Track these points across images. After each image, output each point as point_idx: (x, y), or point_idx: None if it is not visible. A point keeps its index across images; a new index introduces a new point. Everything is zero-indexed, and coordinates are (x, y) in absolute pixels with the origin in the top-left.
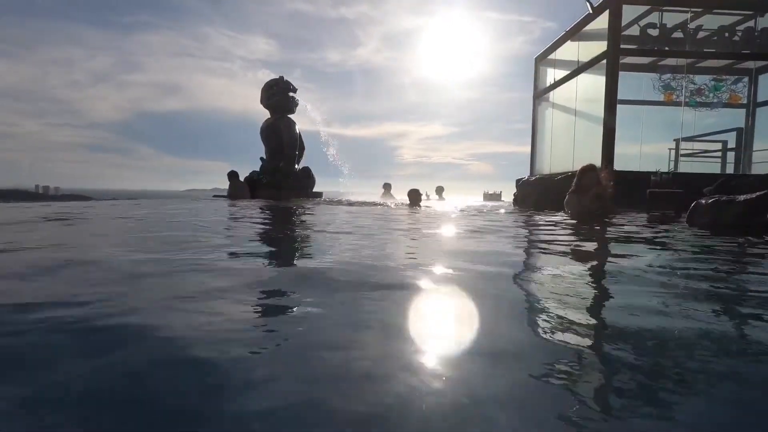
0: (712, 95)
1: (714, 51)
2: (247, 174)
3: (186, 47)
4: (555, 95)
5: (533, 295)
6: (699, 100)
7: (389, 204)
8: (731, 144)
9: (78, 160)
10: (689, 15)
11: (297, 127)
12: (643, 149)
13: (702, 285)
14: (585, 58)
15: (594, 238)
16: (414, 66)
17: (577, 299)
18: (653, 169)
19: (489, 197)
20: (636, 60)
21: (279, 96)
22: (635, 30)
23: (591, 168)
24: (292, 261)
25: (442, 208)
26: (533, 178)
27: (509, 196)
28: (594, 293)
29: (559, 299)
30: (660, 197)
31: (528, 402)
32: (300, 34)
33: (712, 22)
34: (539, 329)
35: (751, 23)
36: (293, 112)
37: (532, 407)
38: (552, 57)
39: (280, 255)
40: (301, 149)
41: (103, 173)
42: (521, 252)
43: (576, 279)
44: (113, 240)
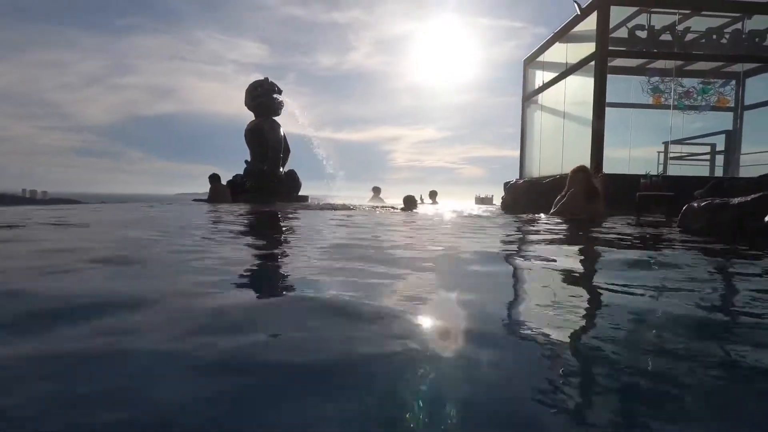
0: (700, 98)
1: (703, 53)
2: (231, 177)
3: (179, 51)
4: (544, 98)
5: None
6: (687, 103)
7: (380, 208)
8: (720, 147)
9: (68, 163)
10: (677, 17)
11: (282, 130)
12: (632, 152)
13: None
14: (573, 59)
15: (580, 254)
16: (407, 70)
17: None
18: (642, 172)
19: (480, 201)
20: (624, 63)
21: (263, 98)
22: (623, 32)
23: (581, 169)
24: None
25: (437, 211)
26: (521, 181)
27: (500, 199)
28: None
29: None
30: (650, 200)
31: None
32: (293, 38)
33: (699, 24)
34: None
35: (739, 25)
36: (278, 114)
37: None
38: (540, 59)
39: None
40: (286, 152)
41: (94, 177)
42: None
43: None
44: None
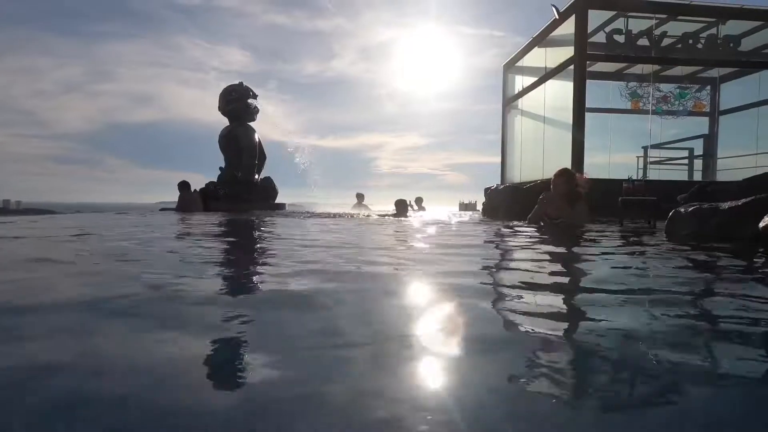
0: (677, 103)
1: (680, 58)
2: (206, 184)
3: (159, 57)
4: (524, 103)
5: None
6: (665, 107)
7: (364, 215)
8: (698, 151)
9: (44, 172)
10: (654, 21)
11: (257, 135)
12: (612, 157)
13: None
14: (553, 64)
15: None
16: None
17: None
18: (621, 177)
19: (464, 207)
20: (603, 68)
21: (237, 102)
22: (601, 37)
23: (560, 173)
24: None
25: (427, 219)
26: (502, 186)
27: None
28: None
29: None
30: (633, 205)
31: None
32: (276, 45)
33: (676, 28)
34: None
35: (714, 30)
36: (253, 119)
37: None
38: (520, 64)
39: None
40: (262, 158)
41: (72, 186)
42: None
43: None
44: None
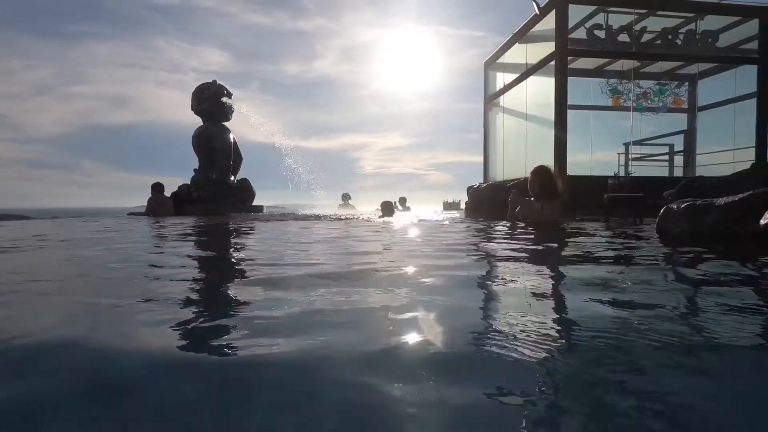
0: (657, 99)
1: (660, 53)
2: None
3: (136, 58)
4: (505, 100)
5: None
6: (645, 104)
7: (350, 217)
8: (678, 147)
9: (18, 176)
10: (634, 17)
11: (232, 135)
12: (594, 154)
13: None
14: (534, 60)
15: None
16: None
17: None
18: (603, 174)
19: (448, 206)
20: (583, 65)
21: (210, 101)
22: (582, 33)
23: (533, 171)
24: None
25: (409, 219)
26: (485, 185)
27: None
28: None
29: None
30: (619, 202)
31: None
32: (256, 45)
33: (656, 23)
34: None
35: (692, 26)
36: (228, 119)
37: None
38: (501, 61)
39: None
40: (238, 159)
41: (47, 190)
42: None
43: None
44: None
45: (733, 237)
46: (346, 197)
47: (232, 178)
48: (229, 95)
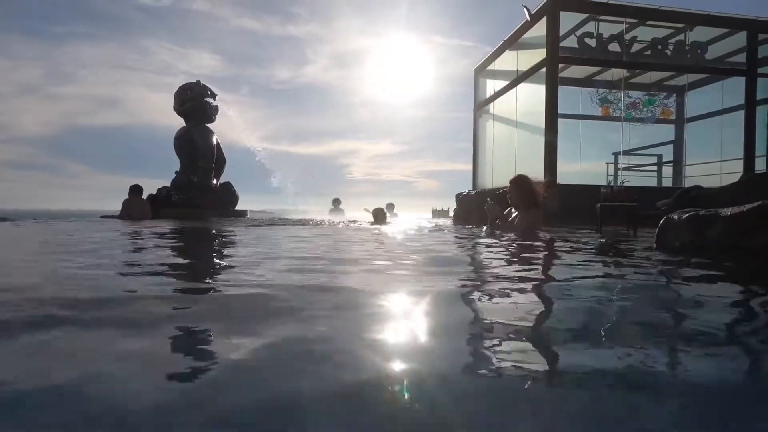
0: (645, 109)
1: (651, 63)
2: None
3: (125, 60)
4: (495, 107)
5: None
6: (634, 114)
7: (340, 223)
8: (666, 157)
9: (1, 177)
10: (624, 26)
11: (215, 137)
12: (583, 163)
13: None
14: (524, 67)
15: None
16: (363, 85)
17: None
18: (592, 183)
19: (437, 214)
20: (573, 74)
21: (194, 102)
22: (573, 41)
23: (511, 180)
24: None
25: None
26: (473, 192)
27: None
28: None
29: None
30: (612, 212)
31: None
32: (247, 50)
33: (645, 33)
34: None
35: (682, 36)
36: (212, 120)
37: None
38: (491, 68)
39: None
40: (221, 162)
41: (32, 192)
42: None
43: None
44: None
45: (741, 249)
46: (336, 202)
47: (214, 181)
48: (213, 96)
